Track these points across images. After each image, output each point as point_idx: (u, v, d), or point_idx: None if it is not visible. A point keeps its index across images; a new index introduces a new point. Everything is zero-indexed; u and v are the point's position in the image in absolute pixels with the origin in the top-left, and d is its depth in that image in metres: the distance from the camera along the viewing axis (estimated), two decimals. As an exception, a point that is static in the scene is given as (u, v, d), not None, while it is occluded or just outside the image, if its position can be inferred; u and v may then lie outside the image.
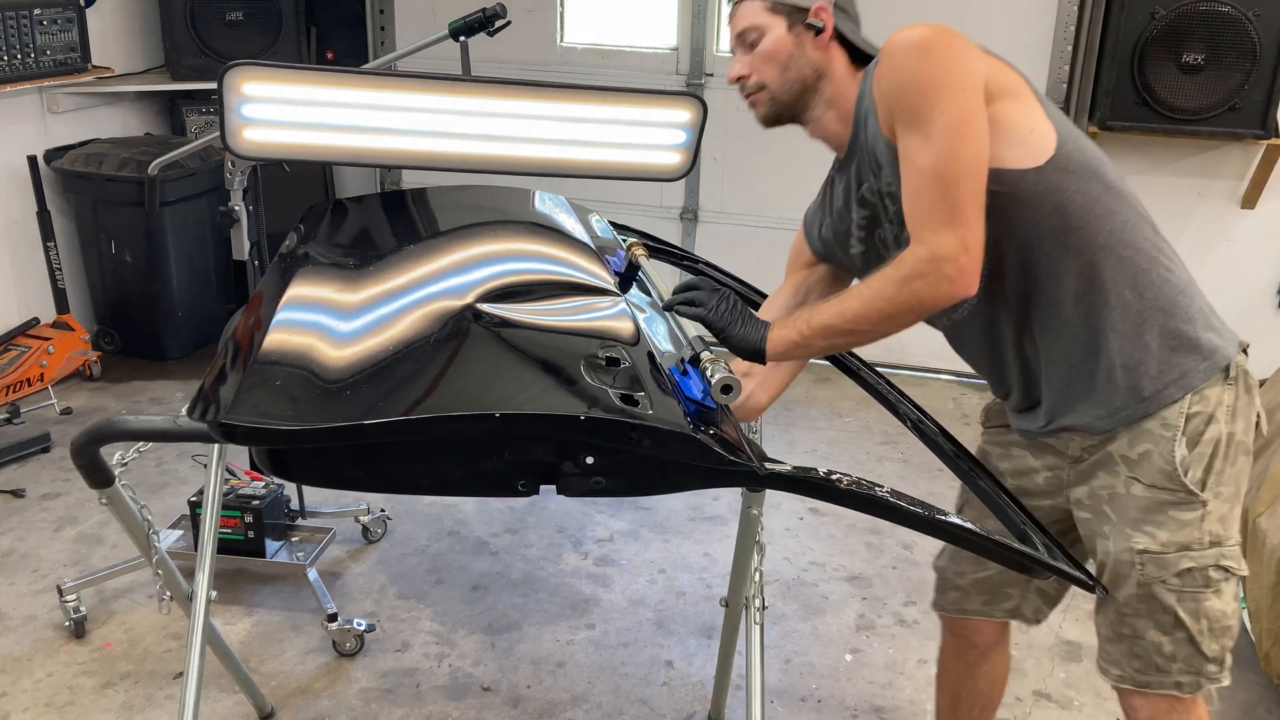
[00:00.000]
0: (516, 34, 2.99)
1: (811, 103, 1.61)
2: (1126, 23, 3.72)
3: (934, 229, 1.41)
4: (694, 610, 2.81)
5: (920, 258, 1.42)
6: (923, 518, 1.47)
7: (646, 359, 1.55)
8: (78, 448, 1.61)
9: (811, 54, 1.59)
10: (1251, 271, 4.12)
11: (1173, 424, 1.54)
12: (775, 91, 1.60)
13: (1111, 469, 1.60)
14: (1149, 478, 1.56)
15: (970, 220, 1.40)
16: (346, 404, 1.37)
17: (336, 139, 2.33)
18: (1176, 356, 1.54)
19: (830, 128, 1.63)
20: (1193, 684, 1.60)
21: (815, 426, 3.90)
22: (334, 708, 2.42)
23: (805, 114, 1.63)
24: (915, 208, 1.44)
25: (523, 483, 1.40)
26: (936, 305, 1.44)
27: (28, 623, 2.67)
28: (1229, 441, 1.56)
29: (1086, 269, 1.53)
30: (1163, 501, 1.56)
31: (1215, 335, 1.58)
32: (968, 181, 1.40)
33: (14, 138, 4.02)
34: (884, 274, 1.46)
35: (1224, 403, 1.56)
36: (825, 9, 1.59)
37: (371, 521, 3.08)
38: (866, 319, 1.47)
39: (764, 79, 1.60)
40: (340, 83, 2.29)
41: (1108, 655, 1.66)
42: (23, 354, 3.90)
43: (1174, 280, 1.57)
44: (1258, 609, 2.36)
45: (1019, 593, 1.85)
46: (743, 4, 1.61)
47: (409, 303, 1.69)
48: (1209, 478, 1.55)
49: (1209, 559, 1.55)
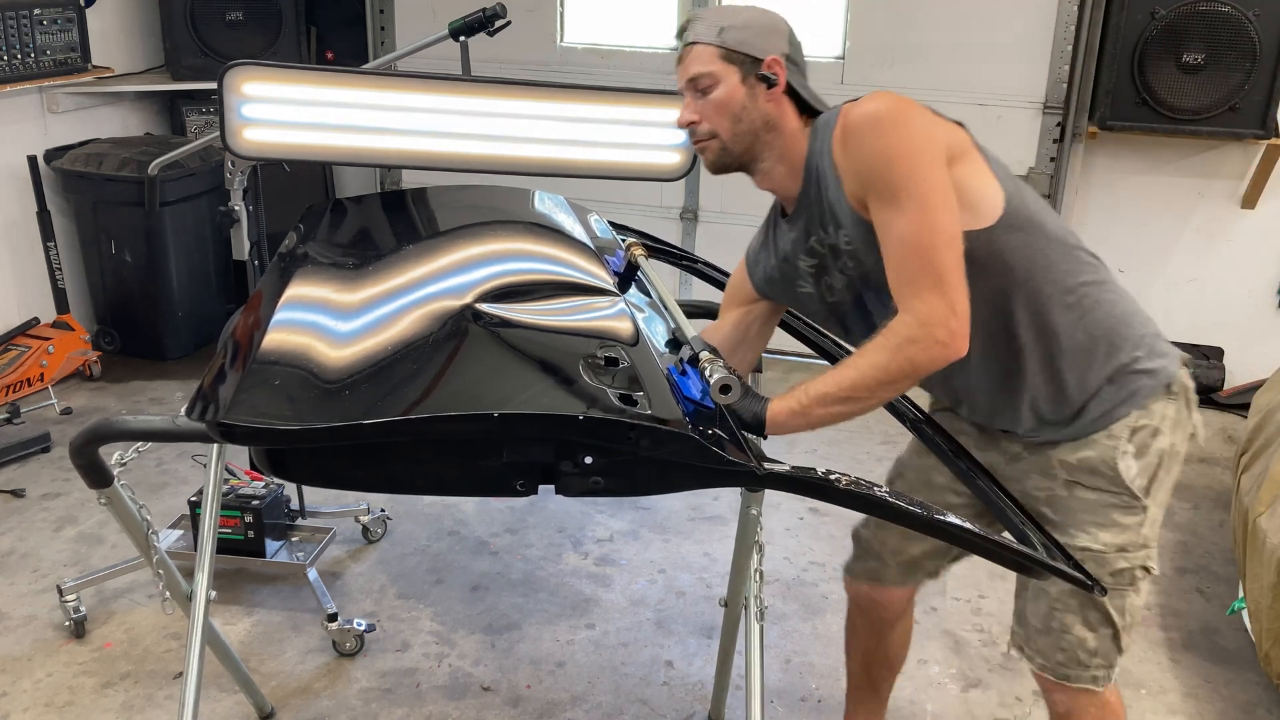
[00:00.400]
0: (516, 34, 2.99)
1: (761, 154, 1.64)
2: (1126, 23, 3.72)
3: (921, 297, 1.46)
4: (694, 610, 2.81)
5: (910, 324, 1.46)
6: (921, 517, 1.47)
7: (645, 359, 1.55)
8: (77, 448, 1.61)
9: (763, 105, 1.60)
10: (1251, 271, 4.12)
11: (1117, 435, 1.64)
12: (727, 141, 1.62)
13: (1049, 473, 1.69)
14: (1092, 481, 1.65)
15: (954, 284, 1.46)
16: (345, 404, 1.37)
17: (336, 139, 2.33)
18: (1126, 380, 1.63)
19: (780, 181, 1.66)
20: (1105, 678, 1.72)
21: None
22: (334, 708, 2.42)
23: (754, 165, 1.66)
24: (899, 278, 1.49)
25: (521, 482, 1.40)
26: (930, 368, 1.48)
27: (28, 623, 2.67)
28: (1171, 452, 1.67)
29: (1037, 318, 1.60)
30: (1108, 504, 1.65)
31: (1159, 357, 1.66)
32: (947, 250, 1.46)
33: (14, 138, 4.02)
34: (877, 343, 1.49)
35: (1167, 416, 1.65)
36: (778, 61, 1.60)
37: (371, 521, 3.08)
38: (864, 387, 1.50)
39: (716, 128, 1.61)
40: (340, 83, 2.30)
41: (1034, 644, 1.75)
42: (23, 354, 3.90)
43: (1118, 313, 1.65)
44: (1258, 609, 2.35)
45: (934, 566, 1.95)
46: (695, 48, 1.61)
47: (408, 303, 1.69)
48: (1152, 485, 1.66)
49: (1139, 559, 1.67)
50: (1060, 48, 3.98)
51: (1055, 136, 4.07)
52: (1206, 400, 4.19)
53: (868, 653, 2.11)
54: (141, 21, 4.55)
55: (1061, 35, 3.96)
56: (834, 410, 1.53)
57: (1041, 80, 4.03)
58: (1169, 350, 1.68)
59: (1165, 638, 2.74)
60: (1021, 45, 3.99)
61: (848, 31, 4.18)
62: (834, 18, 4.21)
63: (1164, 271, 4.21)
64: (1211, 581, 3.00)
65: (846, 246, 1.60)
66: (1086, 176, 4.18)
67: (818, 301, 1.74)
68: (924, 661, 2.62)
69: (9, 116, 4.01)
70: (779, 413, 1.54)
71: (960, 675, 2.58)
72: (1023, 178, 4.10)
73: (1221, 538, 3.22)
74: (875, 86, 4.60)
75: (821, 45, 4.25)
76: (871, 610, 2.04)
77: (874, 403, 1.53)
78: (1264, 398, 3.06)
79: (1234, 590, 2.92)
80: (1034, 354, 1.62)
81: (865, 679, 2.15)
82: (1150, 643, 2.72)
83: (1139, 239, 4.20)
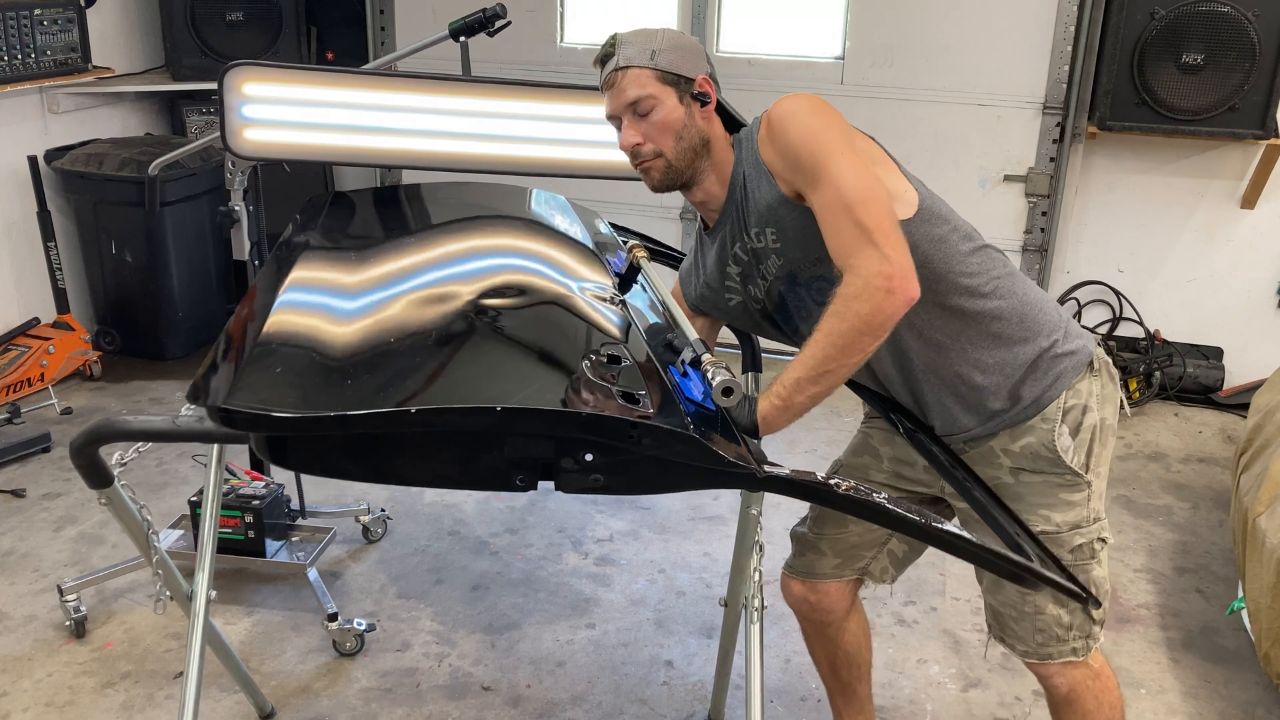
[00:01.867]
0: (516, 34, 2.99)
1: (700, 169, 1.71)
2: (1126, 23, 3.73)
3: (856, 254, 1.49)
4: (694, 610, 2.81)
5: (852, 283, 1.50)
6: (917, 524, 1.47)
7: (647, 359, 1.55)
8: (77, 448, 1.60)
9: (699, 123, 1.68)
10: (1251, 271, 4.12)
11: (1050, 417, 1.70)
12: (672, 159, 1.68)
13: (993, 462, 1.75)
14: (1035, 465, 1.71)
15: (886, 233, 1.49)
16: (348, 393, 1.37)
17: (336, 139, 2.34)
18: (1049, 364, 1.70)
19: (711, 190, 1.73)
20: (1084, 648, 1.78)
21: (815, 426, 3.90)
22: (334, 707, 2.42)
23: (694, 180, 1.72)
24: (836, 246, 1.53)
25: (521, 478, 1.39)
26: (883, 318, 1.50)
27: (28, 622, 2.67)
28: (1102, 426, 1.73)
29: (955, 311, 1.67)
30: (1054, 485, 1.71)
31: (1076, 337, 1.74)
32: (873, 204, 1.50)
33: (14, 138, 4.02)
34: (828, 313, 1.52)
35: (1094, 392, 1.72)
36: (708, 80, 1.69)
37: (372, 521, 3.09)
38: (830, 359, 1.52)
39: (661, 148, 1.67)
40: (340, 83, 2.30)
41: (1012, 633, 1.80)
42: (23, 354, 3.90)
43: (1033, 300, 1.72)
44: (1257, 609, 2.36)
45: (871, 554, 1.98)
46: (630, 72, 1.66)
47: (411, 294, 1.69)
48: (1090, 460, 1.72)
49: (1094, 533, 1.73)
50: (1060, 48, 3.98)
51: (1055, 136, 4.08)
52: (1206, 400, 4.20)
53: (829, 657, 2.13)
54: (141, 22, 4.55)
55: (1061, 35, 3.96)
56: (812, 392, 1.55)
57: (1041, 80, 4.03)
58: (1083, 333, 1.77)
59: (1165, 637, 2.74)
60: (1021, 45, 4.00)
61: (848, 32, 4.18)
62: (834, 18, 4.21)
63: (1164, 271, 4.22)
64: (1211, 581, 3.00)
65: (774, 244, 1.65)
66: (1086, 176, 4.19)
67: (745, 310, 1.81)
68: (924, 661, 2.63)
69: (9, 117, 4.01)
70: (766, 412, 1.56)
71: (960, 675, 2.58)
72: (1022, 178, 4.16)
73: (1221, 538, 3.23)
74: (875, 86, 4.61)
75: (821, 45, 4.25)
76: (813, 615, 2.06)
77: (845, 371, 1.55)
78: (1263, 398, 3.07)
79: (1233, 590, 2.92)
80: (955, 346, 1.68)
81: (837, 683, 2.17)
82: (1150, 642, 2.72)
83: (1139, 239, 4.20)
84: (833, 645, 2.10)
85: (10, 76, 3.83)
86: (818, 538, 1.98)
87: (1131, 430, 3.97)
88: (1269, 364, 3.65)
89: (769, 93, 1.87)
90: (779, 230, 1.64)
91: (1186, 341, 4.24)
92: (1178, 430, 4.01)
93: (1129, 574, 3.02)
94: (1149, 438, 3.94)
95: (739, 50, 4.33)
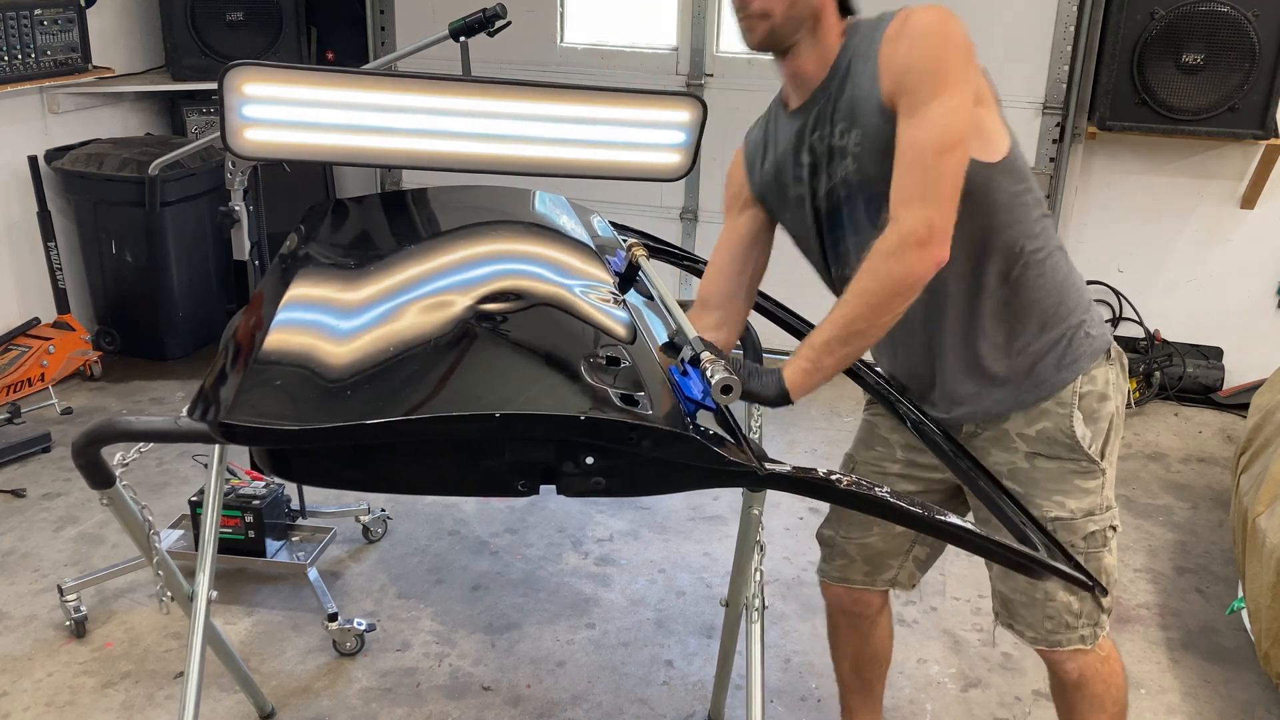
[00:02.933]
0: (516, 34, 2.99)
1: (802, 40, 1.66)
2: (1126, 23, 3.73)
3: (907, 203, 1.50)
4: (694, 610, 2.81)
5: (890, 239, 1.50)
6: (922, 518, 1.47)
7: (646, 359, 1.55)
8: (78, 448, 1.60)
9: None
10: (1251, 271, 4.12)
11: (1066, 401, 1.70)
12: (778, 23, 1.64)
13: (1008, 446, 1.75)
14: (1052, 451, 1.72)
15: (943, 196, 1.49)
16: (347, 404, 1.37)
17: (337, 139, 2.33)
18: (1074, 341, 1.70)
19: (807, 68, 1.68)
20: (1092, 635, 1.78)
21: (815, 426, 3.90)
22: (334, 707, 2.42)
23: (794, 49, 1.67)
24: (900, 182, 1.52)
25: (522, 483, 1.40)
26: (914, 279, 1.50)
27: (28, 622, 2.67)
28: (1118, 414, 1.74)
29: (1006, 266, 1.65)
30: (1069, 471, 1.72)
31: (1100, 323, 1.75)
32: (948, 169, 1.50)
33: (14, 138, 4.02)
34: (860, 272, 1.53)
35: (1110, 380, 1.73)
36: None
37: (372, 521, 3.09)
38: (861, 318, 1.52)
39: (770, 9, 1.63)
40: (340, 83, 2.29)
41: (1022, 620, 1.80)
42: (23, 354, 3.90)
43: (1074, 279, 1.73)
44: (1257, 609, 2.36)
45: (898, 563, 1.98)
46: None
47: (409, 303, 1.69)
48: (1106, 448, 1.73)
49: (1107, 520, 1.74)
50: (1060, 48, 3.98)
51: (1055, 137, 4.08)
52: (1206, 400, 4.20)
53: (856, 654, 2.13)
54: (142, 22, 4.55)
55: (1061, 35, 3.96)
56: (843, 353, 1.55)
57: (1041, 80, 4.03)
58: (1104, 320, 1.78)
59: (1165, 637, 2.74)
60: (1021, 45, 4.00)
61: (847, 32, 4.18)
62: (834, 18, 4.21)
63: (1164, 271, 4.22)
64: (1211, 581, 3.00)
65: (855, 148, 1.62)
66: (1086, 176, 4.19)
67: (800, 209, 1.76)
68: (924, 661, 2.63)
69: (9, 117, 4.01)
70: (794, 375, 1.56)
71: (960, 675, 2.59)
72: (1022, 178, 4.16)
73: (1221, 537, 3.23)
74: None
75: (821, 45, 4.25)
76: (852, 609, 2.06)
77: (876, 333, 1.54)
78: (1263, 398, 3.07)
79: (1233, 590, 2.92)
80: (993, 299, 1.67)
81: (858, 680, 2.17)
82: (1150, 642, 2.72)
83: (1139, 239, 4.20)
84: (863, 641, 2.10)
85: (10, 76, 3.83)
86: (845, 541, 1.98)
87: (1131, 430, 3.97)
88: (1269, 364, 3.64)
89: (769, 92, 1.86)
90: (864, 135, 1.60)
91: (1186, 341, 4.24)
92: (1178, 430, 4.01)
93: (1129, 574, 3.02)
94: (1149, 438, 3.94)
95: (739, 50, 4.33)
